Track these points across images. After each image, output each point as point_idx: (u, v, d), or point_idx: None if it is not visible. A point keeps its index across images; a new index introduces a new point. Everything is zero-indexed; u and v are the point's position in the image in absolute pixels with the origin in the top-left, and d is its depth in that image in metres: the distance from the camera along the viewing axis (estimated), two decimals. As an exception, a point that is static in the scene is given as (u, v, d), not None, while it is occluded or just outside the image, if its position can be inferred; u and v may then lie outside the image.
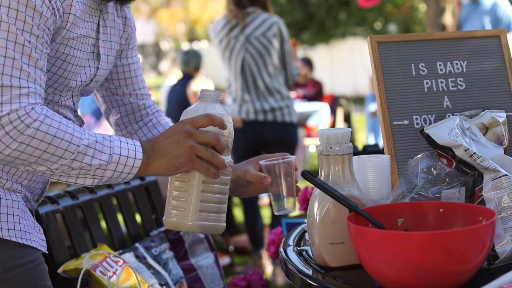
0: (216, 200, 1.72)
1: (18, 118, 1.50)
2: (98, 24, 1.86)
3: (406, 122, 1.97)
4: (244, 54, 4.95)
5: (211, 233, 1.74)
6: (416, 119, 1.98)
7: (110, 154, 1.59)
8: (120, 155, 1.60)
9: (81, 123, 1.95)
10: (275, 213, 1.87)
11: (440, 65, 2.04)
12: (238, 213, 6.88)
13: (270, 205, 1.89)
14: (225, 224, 1.75)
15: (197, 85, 6.63)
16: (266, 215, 6.80)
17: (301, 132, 7.31)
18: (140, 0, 28.30)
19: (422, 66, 2.02)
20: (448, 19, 8.18)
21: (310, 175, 1.65)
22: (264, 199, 7.23)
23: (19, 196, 1.78)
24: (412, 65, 2.02)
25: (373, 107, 8.48)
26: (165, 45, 29.66)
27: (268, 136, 5.00)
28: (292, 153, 4.92)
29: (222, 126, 1.67)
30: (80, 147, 1.56)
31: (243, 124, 5.02)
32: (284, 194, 1.84)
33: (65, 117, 1.86)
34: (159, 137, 1.66)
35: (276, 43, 4.92)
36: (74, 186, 2.43)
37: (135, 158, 1.61)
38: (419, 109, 1.99)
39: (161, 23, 29.31)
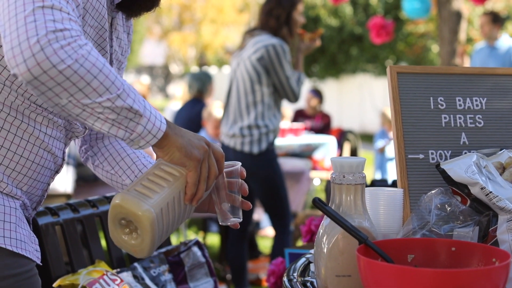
0: (173, 216, 1.65)
1: (71, 37, 1.46)
2: (111, 32, 1.87)
3: (421, 156, 1.93)
4: (235, 75, 4.87)
5: (147, 241, 1.61)
6: (432, 153, 1.94)
7: (145, 107, 1.56)
8: (150, 113, 1.57)
9: (84, 130, 1.92)
10: (220, 223, 1.83)
11: (459, 100, 2.00)
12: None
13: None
14: (153, 249, 1.66)
15: (213, 111, 6.60)
16: (267, 245, 6.75)
17: (307, 164, 7.26)
18: (152, 21, 28.49)
19: (441, 100, 1.98)
20: (458, 60, 8.18)
21: (321, 203, 1.61)
22: (266, 229, 7.17)
23: (18, 203, 1.74)
24: (431, 98, 1.98)
25: (380, 143, 8.44)
26: (174, 68, 29.76)
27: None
28: (263, 187, 4.86)
29: (221, 171, 1.73)
30: (125, 86, 1.53)
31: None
32: (229, 203, 1.80)
33: (68, 120, 1.83)
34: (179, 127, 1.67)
35: (260, 68, 4.73)
36: (75, 200, 2.39)
37: (161, 122, 1.59)
38: (435, 144, 1.95)
39: (172, 46, 29.45)
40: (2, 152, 1.70)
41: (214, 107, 6.67)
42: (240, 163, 1.82)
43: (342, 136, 9.06)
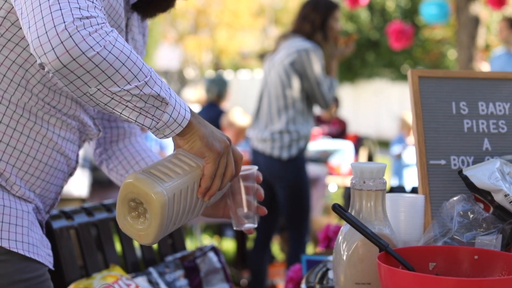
0: (183, 207, 1.61)
1: (98, 24, 1.44)
2: (126, 32, 1.87)
3: (443, 162, 1.89)
4: (267, 79, 4.81)
5: (155, 226, 1.56)
6: (454, 159, 1.90)
7: (170, 95, 1.54)
8: (175, 100, 1.55)
9: (98, 132, 1.90)
10: (235, 228, 1.79)
11: (482, 105, 1.96)
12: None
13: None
14: (158, 237, 1.60)
15: (235, 117, 6.57)
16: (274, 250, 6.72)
17: (323, 169, 7.22)
18: (168, 25, 28.54)
19: (463, 105, 1.95)
20: (476, 66, 8.16)
21: (340, 209, 1.58)
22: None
23: (30, 206, 1.72)
24: (453, 103, 1.95)
25: (397, 149, 8.38)
26: (189, 73, 29.81)
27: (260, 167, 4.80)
28: (289, 194, 4.80)
29: (237, 172, 1.70)
30: (152, 73, 1.51)
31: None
32: (244, 208, 1.77)
33: (82, 122, 1.81)
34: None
35: (292, 73, 4.65)
36: (90, 204, 2.36)
37: (185, 110, 1.57)
38: (457, 150, 1.91)
39: (187, 50, 29.49)
40: (15, 154, 1.68)
41: (236, 114, 6.64)
42: (256, 167, 1.79)
43: (358, 142, 9.01)
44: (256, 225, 1.78)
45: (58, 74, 1.42)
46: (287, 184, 4.76)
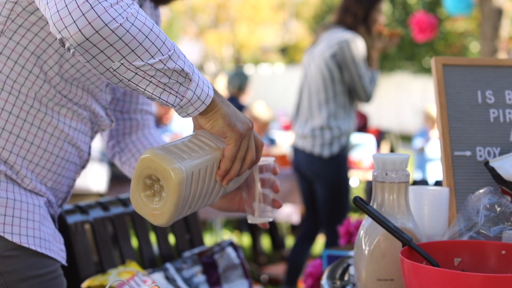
0: (201, 189, 1.55)
1: None
2: None
3: (468, 153, 1.83)
4: (306, 72, 4.70)
5: (170, 204, 1.49)
6: (480, 151, 1.84)
7: (193, 71, 1.49)
8: (198, 77, 1.51)
9: (111, 123, 1.87)
10: (249, 222, 1.73)
11: (509, 94, 1.90)
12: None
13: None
14: (173, 217, 1.53)
15: (257, 112, 6.54)
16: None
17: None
18: (188, 20, 28.59)
19: (489, 94, 1.88)
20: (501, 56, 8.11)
21: (362, 202, 1.52)
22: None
23: (42, 200, 1.69)
24: (479, 92, 1.88)
25: (419, 142, 8.29)
26: (210, 67, 29.85)
27: (300, 164, 4.77)
28: (330, 193, 4.73)
29: (258, 159, 1.66)
30: (175, 47, 1.47)
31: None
32: (260, 201, 1.71)
33: (93, 113, 1.78)
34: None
35: (333, 65, 4.53)
36: (106, 198, 2.33)
37: (209, 87, 1.52)
38: (483, 140, 1.85)
39: (207, 45, 29.57)
40: (25, 146, 1.64)
41: (259, 108, 6.60)
42: (273, 159, 1.74)
43: (380, 136, 8.94)
44: (271, 219, 1.72)
45: (80, 49, 1.37)
46: (327, 182, 4.67)
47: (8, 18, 1.59)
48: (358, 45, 4.53)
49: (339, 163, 4.65)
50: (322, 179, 4.65)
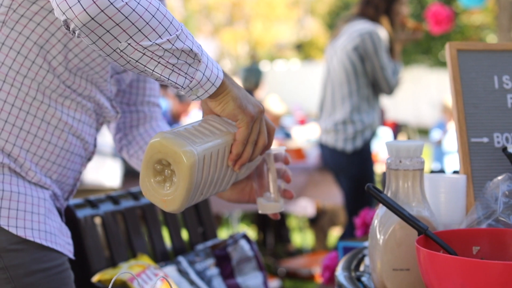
0: (212, 174, 1.50)
1: None
2: None
3: (485, 139, 1.78)
4: (329, 66, 4.64)
5: (182, 189, 1.44)
6: (497, 137, 1.79)
7: (202, 52, 1.46)
8: (207, 58, 1.47)
9: (116, 114, 1.83)
10: (260, 212, 1.69)
11: (526, 79, 1.84)
12: (297, 238, 6.74)
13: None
14: (185, 203, 1.49)
15: (270, 105, 6.51)
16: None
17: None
18: (203, 18, 28.59)
19: (506, 79, 1.83)
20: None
21: (376, 190, 1.48)
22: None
23: (47, 193, 1.66)
24: (495, 77, 1.83)
25: (437, 134, 8.21)
26: (226, 65, 29.85)
27: (326, 159, 4.71)
28: (353, 188, 4.66)
29: (270, 144, 1.62)
30: (183, 28, 1.43)
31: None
32: (270, 191, 1.67)
33: (98, 104, 1.74)
34: None
35: (355, 58, 4.46)
36: (116, 192, 2.30)
37: (218, 69, 1.49)
38: (500, 126, 1.80)
39: (223, 43, 29.55)
40: (29, 138, 1.61)
41: (271, 101, 6.58)
42: (284, 147, 1.70)
43: (397, 128, 8.87)
44: (282, 209, 1.68)
45: (85, 29, 1.34)
46: (351, 177, 4.62)
47: (10, 8, 1.56)
48: (381, 36, 4.45)
49: (363, 158, 4.59)
50: (345, 173, 4.61)
